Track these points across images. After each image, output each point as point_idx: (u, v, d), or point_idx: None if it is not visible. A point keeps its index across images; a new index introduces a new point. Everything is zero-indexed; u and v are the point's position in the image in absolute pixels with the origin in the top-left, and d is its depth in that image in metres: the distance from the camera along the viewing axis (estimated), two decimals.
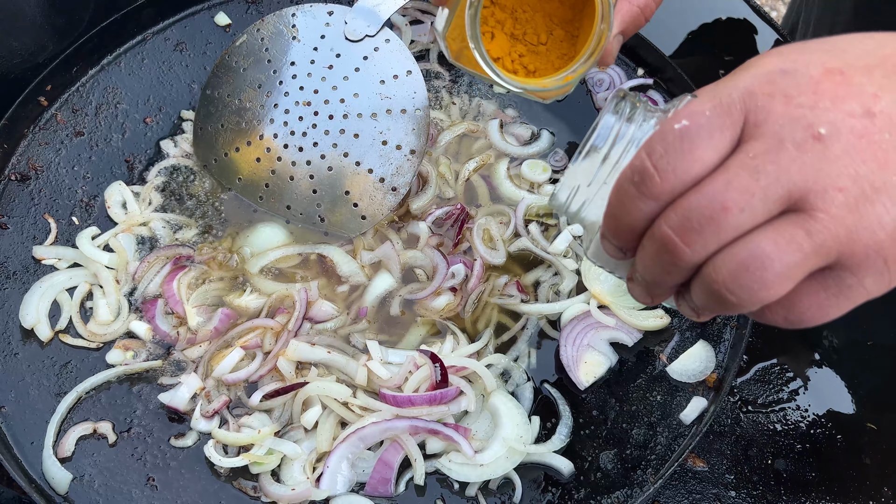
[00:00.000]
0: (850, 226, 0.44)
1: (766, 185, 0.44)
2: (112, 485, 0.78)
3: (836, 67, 0.46)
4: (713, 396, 0.82)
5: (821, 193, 0.44)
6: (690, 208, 0.45)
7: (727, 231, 0.45)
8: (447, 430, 0.78)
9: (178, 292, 0.87)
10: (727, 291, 0.46)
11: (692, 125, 0.45)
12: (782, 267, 0.44)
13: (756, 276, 0.44)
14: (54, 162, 0.95)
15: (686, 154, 0.45)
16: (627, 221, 0.49)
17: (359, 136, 0.90)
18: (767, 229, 0.44)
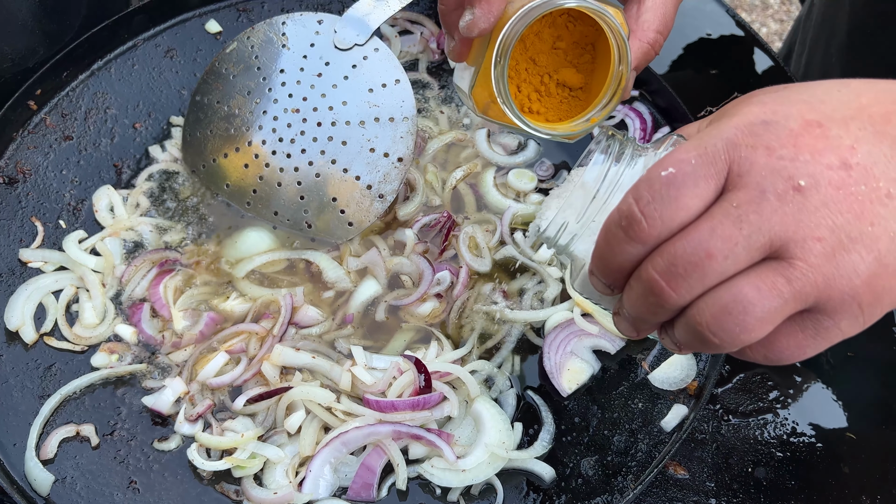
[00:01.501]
0: (827, 273, 0.46)
1: (748, 233, 0.46)
2: (94, 487, 0.78)
3: (814, 119, 0.48)
4: (694, 404, 0.83)
5: (800, 243, 0.46)
6: (676, 254, 0.48)
7: (711, 277, 0.47)
8: (430, 435, 0.78)
9: (165, 296, 0.88)
10: (710, 333, 0.48)
11: (678, 173, 0.47)
12: (763, 312, 0.47)
13: (738, 319, 0.47)
14: (42, 165, 0.95)
15: (672, 201, 0.47)
16: (615, 262, 0.51)
17: (347, 143, 0.90)
18: (749, 275, 0.47)
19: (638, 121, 1.00)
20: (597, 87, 0.73)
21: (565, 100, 0.75)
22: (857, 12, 1.06)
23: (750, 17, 2.62)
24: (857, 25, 1.07)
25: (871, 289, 0.47)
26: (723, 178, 0.48)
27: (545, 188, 0.98)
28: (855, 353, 0.89)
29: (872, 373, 0.88)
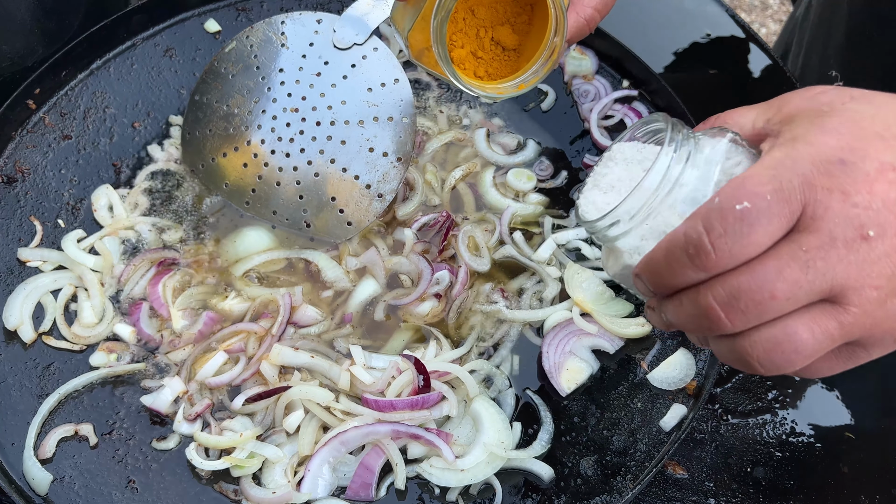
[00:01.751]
0: (877, 318, 0.49)
1: (812, 279, 0.48)
2: (92, 486, 0.78)
3: (889, 163, 0.49)
4: (693, 404, 0.83)
5: (858, 290, 0.48)
6: (741, 289, 0.49)
7: (769, 314, 0.49)
8: (429, 435, 0.78)
9: (164, 295, 0.88)
10: (758, 363, 0.51)
11: (753, 209, 0.48)
12: (811, 351, 0.50)
13: (788, 356, 0.50)
14: (41, 165, 0.95)
15: (744, 237, 0.48)
16: (672, 282, 0.52)
17: (346, 142, 0.90)
18: (804, 316, 0.49)
19: (637, 120, 1.00)
20: (529, 51, 0.72)
21: (497, 57, 0.74)
22: (856, 14, 1.06)
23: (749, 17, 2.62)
24: (855, 27, 1.07)
25: None
26: (795, 218, 0.48)
27: (544, 188, 0.98)
28: None
29: (872, 373, 0.88)
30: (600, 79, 1.05)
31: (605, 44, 1.05)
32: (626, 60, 1.04)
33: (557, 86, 1.05)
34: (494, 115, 1.03)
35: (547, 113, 1.03)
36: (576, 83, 1.04)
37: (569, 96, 1.04)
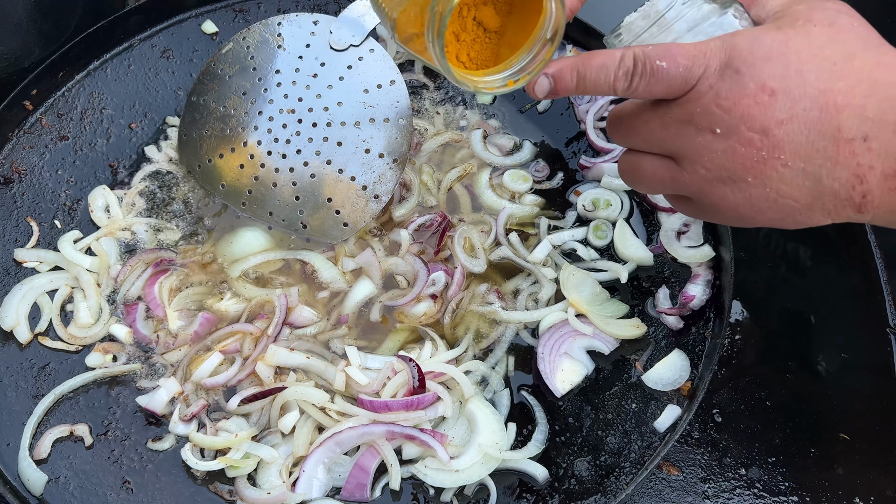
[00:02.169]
0: (703, 191, 0.63)
1: (664, 137, 0.63)
2: (87, 487, 0.78)
3: (771, 87, 0.58)
4: (687, 405, 0.83)
5: (692, 163, 0.62)
6: (622, 117, 0.67)
7: (631, 144, 0.67)
8: (423, 435, 0.78)
9: (160, 296, 0.88)
10: (621, 174, 0.71)
11: (664, 70, 0.61)
12: (650, 184, 0.67)
13: (634, 180, 0.69)
14: (38, 165, 0.95)
15: (649, 85, 0.61)
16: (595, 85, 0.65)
17: (342, 143, 0.91)
18: (653, 159, 0.66)
19: None
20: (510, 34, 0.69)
21: (478, 39, 0.71)
22: None
23: None
24: None
25: (735, 213, 0.63)
26: (684, 91, 0.61)
27: (540, 189, 0.98)
28: (849, 355, 0.89)
29: (866, 374, 0.88)
30: None
31: (602, 46, 1.04)
32: None
33: None
34: (491, 116, 1.03)
35: (543, 114, 1.04)
36: None
37: (565, 98, 1.04)
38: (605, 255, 0.94)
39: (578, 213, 0.96)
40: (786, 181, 0.60)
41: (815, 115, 0.57)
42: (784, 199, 0.61)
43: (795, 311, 0.91)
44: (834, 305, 0.91)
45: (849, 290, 0.92)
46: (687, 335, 0.88)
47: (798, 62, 0.58)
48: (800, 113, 0.57)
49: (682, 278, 0.92)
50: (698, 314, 0.89)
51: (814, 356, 0.89)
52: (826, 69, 0.58)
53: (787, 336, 0.90)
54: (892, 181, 0.57)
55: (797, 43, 0.59)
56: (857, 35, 0.59)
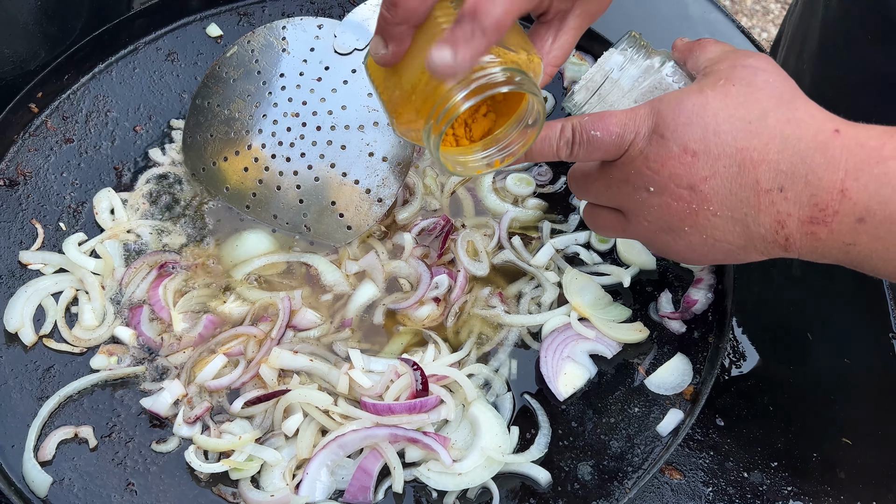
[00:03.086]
0: (649, 238, 0.72)
1: (610, 195, 0.71)
2: (92, 489, 0.78)
3: (693, 150, 0.64)
4: (690, 409, 0.83)
5: (636, 217, 0.70)
6: (574, 178, 0.76)
7: (588, 199, 0.76)
8: (426, 438, 0.78)
9: (164, 298, 0.88)
10: (587, 223, 0.80)
11: (599, 139, 0.68)
12: (611, 232, 0.76)
13: (598, 228, 0.78)
14: (43, 168, 0.95)
15: (588, 151, 0.69)
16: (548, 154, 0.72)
17: (346, 147, 0.91)
18: (607, 212, 0.74)
19: None
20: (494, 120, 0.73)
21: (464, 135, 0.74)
22: (828, 25, 1.05)
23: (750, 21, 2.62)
24: (827, 38, 1.06)
25: (682, 256, 0.71)
26: (621, 153, 0.68)
27: (543, 193, 0.98)
28: (851, 360, 0.89)
29: (868, 379, 0.88)
30: None
31: (605, 50, 1.05)
32: None
33: (557, 91, 1.05)
34: None
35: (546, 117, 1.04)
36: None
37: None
38: (608, 259, 0.94)
39: (581, 217, 0.96)
40: (718, 228, 0.66)
41: (735, 170, 0.63)
42: (720, 242, 0.67)
43: (798, 315, 0.91)
44: (836, 310, 0.91)
45: (851, 295, 0.92)
46: (690, 339, 0.88)
47: (715, 123, 0.64)
48: (721, 170, 0.64)
49: (685, 283, 0.92)
50: (701, 318, 0.89)
51: (816, 361, 0.89)
52: (741, 129, 0.63)
53: (789, 341, 0.90)
54: (808, 226, 0.63)
55: (714, 105, 0.64)
56: (772, 93, 0.65)
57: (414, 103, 0.66)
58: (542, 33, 0.75)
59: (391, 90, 0.68)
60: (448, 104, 0.62)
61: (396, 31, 0.63)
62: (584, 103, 0.79)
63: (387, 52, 0.65)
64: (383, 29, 0.64)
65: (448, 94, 0.62)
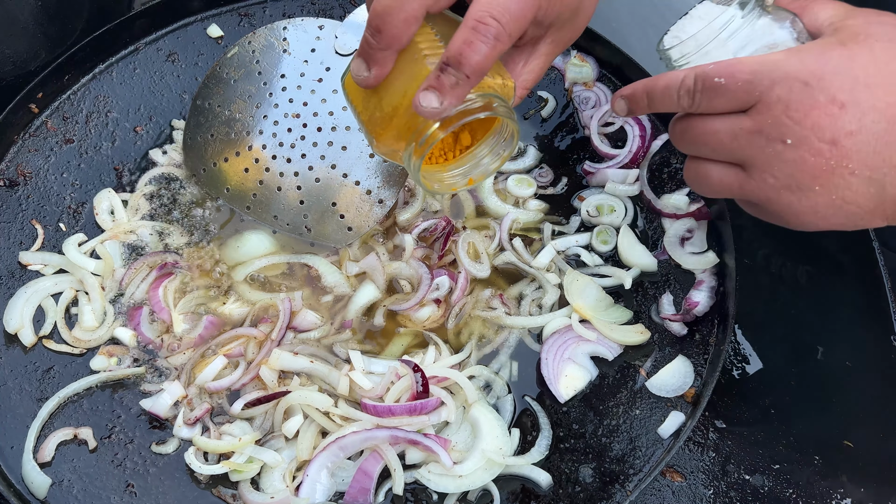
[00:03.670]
0: (769, 197, 0.67)
1: (733, 147, 0.66)
2: (91, 490, 0.78)
3: (841, 100, 0.61)
4: (691, 411, 0.83)
5: (761, 172, 0.66)
6: (690, 129, 0.70)
7: (700, 153, 0.71)
8: (427, 440, 0.78)
9: (164, 299, 0.88)
10: (687, 180, 0.74)
11: (725, 86, 0.65)
12: (716, 191, 0.71)
13: (700, 186, 0.72)
14: (43, 168, 0.95)
15: (711, 100, 0.66)
16: (659, 106, 0.72)
17: (346, 148, 0.91)
18: (721, 167, 0.69)
19: (637, 128, 1.00)
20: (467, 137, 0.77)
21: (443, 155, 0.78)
22: None
23: None
24: None
25: (799, 219, 0.67)
26: (750, 105, 0.64)
27: (544, 194, 0.98)
28: (853, 364, 0.88)
29: (870, 381, 0.88)
30: (601, 86, 1.05)
31: (606, 51, 1.05)
32: (627, 67, 1.04)
33: (558, 93, 1.05)
34: None
35: (547, 120, 1.04)
36: (576, 90, 1.05)
37: (570, 102, 1.04)
38: (609, 260, 0.94)
39: (582, 219, 0.96)
40: (851, 189, 0.63)
41: (883, 126, 0.61)
42: (848, 205, 0.64)
43: (799, 318, 0.91)
44: (838, 313, 0.91)
45: (852, 297, 0.92)
46: (691, 342, 0.88)
47: (865, 77, 0.62)
48: (868, 125, 0.61)
49: (686, 284, 0.92)
50: (702, 320, 0.89)
51: (817, 363, 0.89)
52: (893, 83, 0.62)
53: (790, 343, 0.90)
54: None
55: (863, 58, 0.63)
56: None
57: (395, 126, 0.69)
58: (514, 57, 0.77)
59: (371, 110, 0.71)
60: (429, 130, 0.67)
61: (380, 55, 0.67)
62: (684, 57, 0.75)
63: (369, 76, 0.68)
64: (367, 53, 0.67)
65: (429, 122, 0.67)
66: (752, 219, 0.94)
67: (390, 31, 0.65)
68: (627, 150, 0.99)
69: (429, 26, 0.69)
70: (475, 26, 0.63)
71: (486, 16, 0.63)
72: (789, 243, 0.95)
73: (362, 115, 0.72)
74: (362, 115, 0.72)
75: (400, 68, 0.68)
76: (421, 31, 0.68)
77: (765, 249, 0.94)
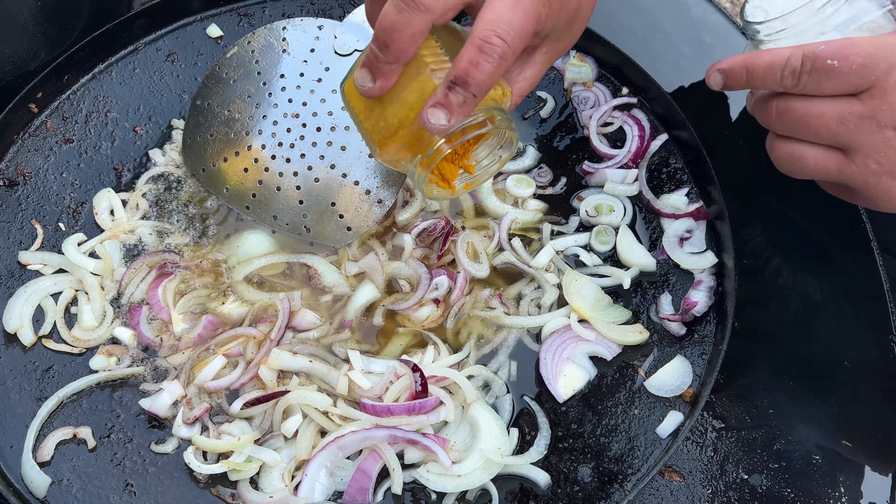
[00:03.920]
0: (868, 182, 0.67)
1: (839, 131, 0.66)
2: (90, 489, 0.78)
3: None
4: (689, 411, 0.83)
5: (864, 157, 0.66)
6: (793, 109, 0.69)
7: (799, 135, 0.70)
8: (425, 440, 0.78)
9: (164, 299, 0.88)
10: (776, 161, 0.75)
11: (838, 68, 0.64)
12: (811, 174, 0.71)
13: (793, 168, 0.72)
14: (43, 168, 0.95)
15: (820, 82, 0.65)
16: (760, 84, 0.71)
17: (346, 148, 0.91)
18: (820, 150, 0.69)
19: (636, 127, 1.01)
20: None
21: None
22: None
23: None
24: None
25: (892, 204, 0.68)
26: (862, 89, 0.64)
27: (543, 194, 0.98)
28: (851, 363, 0.89)
29: (868, 381, 0.88)
30: (600, 86, 1.05)
31: (605, 51, 1.05)
32: (626, 67, 1.04)
33: (557, 93, 1.05)
34: None
35: (546, 120, 1.04)
36: (575, 90, 1.05)
37: (569, 103, 1.05)
38: (608, 260, 0.94)
39: (581, 219, 0.96)
40: None
41: None
42: None
43: (797, 318, 0.91)
44: (836, 313, 0.91)
45: (851, 297, 0.92)
46: (689, 341, 0.88)
47: None
48: None
49: (685, 284, 0.92)
50: (701, 320, 0.89)
51: (816, 363, 0.89)
52: None
53: (789, 343, 0.90)
54: None
55: None
56: None
57: (400, 138, 0.70)
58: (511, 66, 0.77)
59: (374, 120, 0.72)
60: (436, 145, 0.69)
61: (387, 69, 0.67)
62: (779, 33, 0.74)
63: (374, 87, 0.69)
64: (373, 65, 0.67)
65: (435, 139, 0.69)
66: (751, 219, 0.94)
67: (397, 46, 0.65)
68: (626, 150, 0.99)
69: (433, 38, 0.70)
70: (481, 46, 0.63)
71: (491, 35, 0.63)
72: (787, 244, 0.95)
73: (365, 123, 0.73)
74: (365, 124, 0.73)
75: (405, 81, 0.69)
76: (425, 44, 0.68)
77: (763, 250, 0.95)
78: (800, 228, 0.96)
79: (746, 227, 0.94)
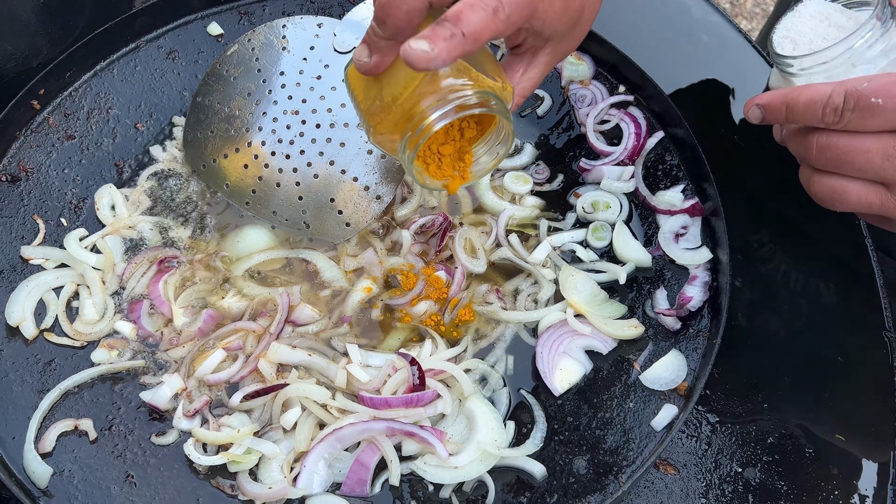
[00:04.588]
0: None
1: (884, 168, 0.66)
2: (91, 480, 0.79)
3: None
4: (684, 404, 0.84)
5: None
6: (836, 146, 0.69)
7: (841, 171, 0.70)
8: (423, 432, 0.79)
9: (165, 293, 0.89)
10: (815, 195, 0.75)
11: (882, 106, 0.64)
12: (852, 207, 0.71)
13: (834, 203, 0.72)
14: (45, 164, 0.96)
15: (864, 119, 0.65)
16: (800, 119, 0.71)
17: (345, 144, 0.92)
18: (862, 184, 0.69)
19: (632, 125, 1.01)
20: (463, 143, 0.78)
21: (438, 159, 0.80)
22: None
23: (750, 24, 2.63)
24: None
25: None
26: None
27: (541, 191, 0.99)
28: (844, 358, 0.89)
29: (861, 376, 0.89)
30: (597, 84, 1.06)
31: (602, 49, 1.06)
32: (623, 66, 1.05)
33: (554, 91, 1.06)
34: None
35: (543, 117, 1.05)
36: (572, 88, 1.06)
37: (566, 101, 1.05)
38: (604, 256, 0.95)
39: (578, 215, 0.97)
40: None
41: None
42: None
43: (791, 312, 0.92)
44: (830, 307, 0.92)
45: (844, 292, 0.93)
46: (684, 336, 0.89)
47: None
48: None
49: (680, 280, 0.93)
50: (695, 315, 0.90)
51: (810, 357, 0.90)
52: None
53: (782, 337, 0.90)
54: None
55: None
56: None
57: (392, 115, 0.71)
58: (514, 65, 0.79)
59: (371, 100, 0.73)
60: (425, 121, 0.68)
61: (383, 44, 0.68)
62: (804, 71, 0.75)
63: (370, 62, 0.69)
64: (370, 41, 0.68)
65: (426, 112, 0.68)
66: (746, 215, 0.95)
67: (394, 22, 0.66)
68: (623, 148, 1.00)
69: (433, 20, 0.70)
70: None
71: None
72: (782, 240, 0.96)
73: (362, 104, 0.74)
74: (362, 105, 0.74)
75: (400, 60, 0.69)
76: (425, 26, 0.69)
77: (758, 246, 0.95)
78: (794, 224, 0.97)
79: (741, 223, 0.94)
